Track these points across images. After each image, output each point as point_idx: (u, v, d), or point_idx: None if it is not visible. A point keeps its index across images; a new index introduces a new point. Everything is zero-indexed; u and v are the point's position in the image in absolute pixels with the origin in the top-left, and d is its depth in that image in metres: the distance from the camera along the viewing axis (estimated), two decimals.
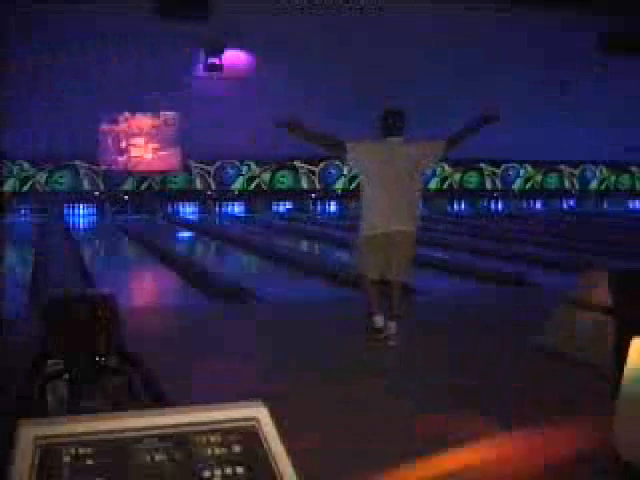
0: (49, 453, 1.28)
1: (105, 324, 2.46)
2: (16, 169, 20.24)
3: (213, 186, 22.01)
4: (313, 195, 22.87)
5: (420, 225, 6.22)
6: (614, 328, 4.71)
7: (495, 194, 24.60)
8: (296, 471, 1.36)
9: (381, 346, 5.77)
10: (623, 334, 3.47)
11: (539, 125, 23.16)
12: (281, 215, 21.55)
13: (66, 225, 18.31)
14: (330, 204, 22.99)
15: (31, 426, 1.30)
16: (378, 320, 5.88)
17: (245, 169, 22.26)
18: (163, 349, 5.34)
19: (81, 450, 1.29)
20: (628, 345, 3.11)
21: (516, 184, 24.85)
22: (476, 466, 3.46)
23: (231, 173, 22.21)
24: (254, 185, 22.34)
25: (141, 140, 21.02)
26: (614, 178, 26.00)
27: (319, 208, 22.86)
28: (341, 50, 21.30)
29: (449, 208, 23.68)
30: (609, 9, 21.63)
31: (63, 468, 1.26)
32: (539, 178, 25.12)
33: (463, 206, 24.22)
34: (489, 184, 24.57)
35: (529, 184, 25.01)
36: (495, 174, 24.61)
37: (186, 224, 19.25)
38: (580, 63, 23.35)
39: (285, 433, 1.43)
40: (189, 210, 21.91)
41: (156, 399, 2.39)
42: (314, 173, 22.76)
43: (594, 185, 25.85)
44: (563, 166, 25.30)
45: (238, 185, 22.24)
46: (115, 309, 2.54)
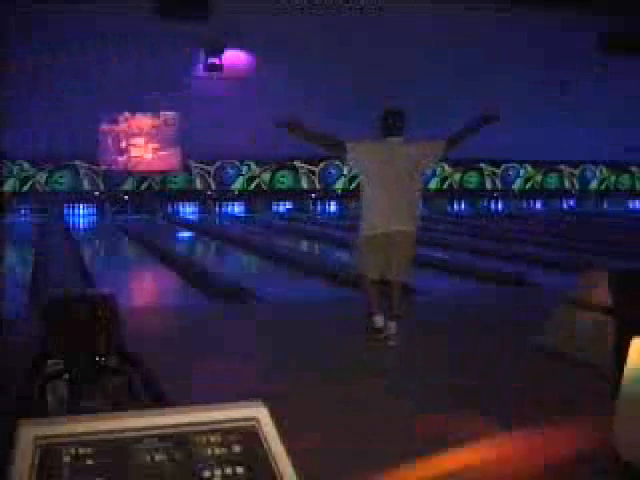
0: (49, 453, 1.28)
1: (105, 324, 2.46)
2: (16, 169, 20.24)
3: (213, 186, 22.00)
4: (313, 195, 22.87)
5: (420, 225, 6.22)
6: (614, 328, 4.71)
7: (495, 194, 24.59)
8: (296, 471, 1.36)
9: (381, 346, 5.77)
10: (623, 334, 3.47)
11: (539, 125, 23.16)
12: (281, 215, 21.54)
13: (66, 225, 18.31)
14: (330, 204, 22.99)
15: (31, 426, 1.30)
16: (378, 320, 5.89)
17: (245, 169, 22.26)
18: (163, 349, 5.34)
19: (81, 450, 1.29)
20: (628, 345, 3.11)
21: (516, 184, 24.84)
22: (476, 466, 3.46)
23: (231, 173, 22.21)
24: (254, 185, 22.34)
25: (141, 140, 21.02)
26: (614, 178, 26.00)
27: (319, 208, 22.85)
28: (341, 50, 21.30)
29: (449, 208, 23.67)
30: (609, 9, 21.63)
31: (63, 468, 1.26)
32: (539, 178, 25.12)
33: (463, 206, 24.22)
34: (489, 184, 24.57)
35: (529, 184, 25.01)
36: (495, 174, 24.61)
37: (186, 224, 19.25)
38: (580, 63, 23.35)
39: (285, 433, 1.43)
40: (189, 210, 21.91)
41: (156, 399, 2.39)
42: (314, 173, 22.75)
43: (594, 185, 25.84)
44: (563, 166, 25.30)
45: (238, 185, 22.24)
46: (115, 309, 2.54)
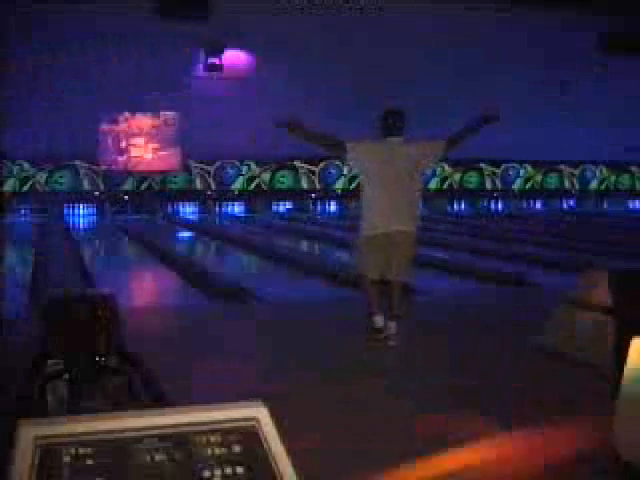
0: (49, 453, 1.28)
1: (105, 324, 2.46)
2: (16, 169, 20.24)
3: (213, 186, 22.00)
4: (313, 195, 22.87)
5: (420, 225, 6.22)
6: (614, 328, 4.71)
7: (495, 194, 24.59)
8: (296, 471, 1.36)
9: (381, 346, 5.77)
10: (623, 334, 3.47)
11: (539, 125, 23.16)
12: (281, 215, 21.54)
13: (66, 225, 18.31)
14: (330, 204, 22.99)
15: (31, 426, 1.30)
16: (378, 320, 5.88)
17: (245, 169, 22.25)
18: (163, 349, 5.34)
19: (81, 450, 1.29)
20: (628, 345, 3.11)
21: (516, 184, 24.84)
22: (476, 466, 3.46)
23: (231, 173, 22.21)
24: (254, 185, 22.34)
25: (141, 140, 21.01)
26: (614, 178, 25.99)
27: (319, 208, 22.85)
28: (341, 50, 21.30)
29: (449, 208, 23.67)
30: (609, 9, 21.63)
31: (63, 468, 1.26)
32: (539, 178, 25.11)
33: (463, 206, 24.22)
34: (489, 184, 24.56)
35: (529, 184, 25.00)
36: (495, 174, 24.61)
37: (186, 224, 19.25)
38: (580, 63, 23.35)
39: (285, 433, 1.43)
40: (189, 210, 21.90)
41: (156, 399, 2.39)
42: (314, 173, 22.75)
43: (594, 185, 25.84)
44: (563, 166, 25.30)
45: (238, 185, 22.24)
46: (115, 309, 2.54)
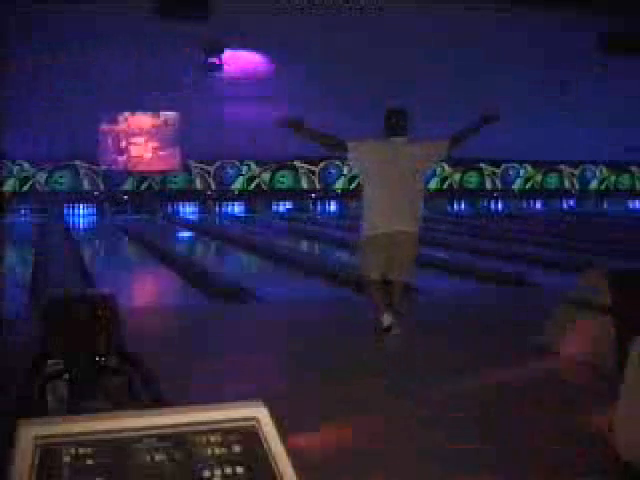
0: (49, 453, 1.27)
1: (105, 324, 2.46)
2: (16, 169, 20.24)
3: (213, 186, 22.00)
4: (313, 195, 22.86)
5: (421, 225, 6.21)
6: (614, 328, 4.71)
7: (495, 194, 24.59)
8: (296, 471, 1.36)
9: (382, 346, 5.77)
10: (623, 334, 3.47)
11: (539, 125, 23.15)
12: (281, 215, 21.54)
13: (66, 225, 18.30)
14: (330, 204, 22.99)
15: (31, 426, 1.30)
16: (386, 319, 5.88)
17: (245, 169, 22.25)
18: (163, 349, 5.33)
19: (81, 450, 1.29)
20: (628, 345, 3.11)
21: (516, 184, 24.84)
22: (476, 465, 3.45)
23: (231, 173, 22.20)
24: (254, 185, 22.34)
25: (141, 139, 21.01)
26: (614, 178, 25.99)
27: (319, 208, 22.85)
28: (341, 50, 21.29)
29: (449, 208, 23.67)
30: (609, 9, 21.62)
31: (63, 468, 1.26)
32: (539, 178, 25.11)
33: (463, 206, 24.22)
34: (489, 184, 24.56)
35: (529, 184, 25.00)
36: (495, 174, 24.61)
37: (186, 224, 19.24)
38: (580, 63, 23.34)
39: (285, 433, 1.43)
40: (189, 210, 21.90)
41: (156, 399, 2.39)
42: (314, 173, 22.75)
43: (594, 185, 25.84)
44: (563, 166, 25.30)
45: (238, 185, 22.24)
46: (115, 309, 2.54)
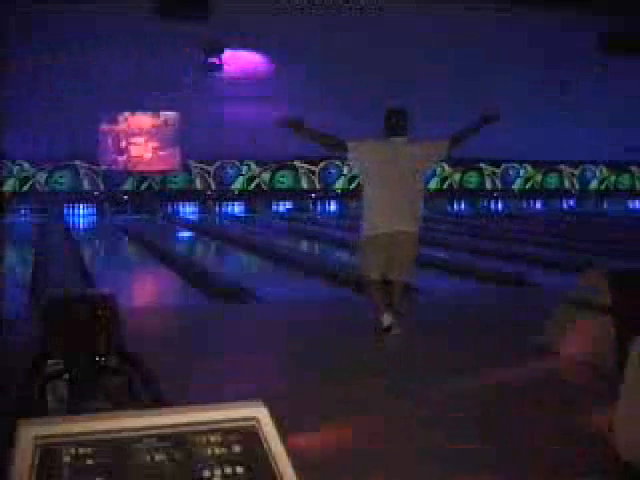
0: (49, 453, 1.27)
1: (105, 324, 2.46)
2: (16, 169, 20.24)
3: (213, 186, 22.00)
4: (313, 195, 22.87)
5: (421, 225, 6.22)
6: (614, 328, 4.71)
7: (495, 194, 24.59)
8: (296, 471, 1.36)
9: (382, 346, 5.77)
10: (623, 334, 3.47)
11: (539, 125, 23.15)
12: (281, 215, 21.54)
13: (66, 225, 18.30)
14: (330, 204, 22.99)
15: (31, 426, 1.30)
16: (386, 319, 5.88)
17: (245, 169, 22.25)
18: (163, 349, 5.33)
19: (81, 450, 1.29)
20: (628, 345, 3.11)
21: (516, 184, 24.84)
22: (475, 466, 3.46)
23: (231, 173, 22.20)
24: (254, 185, 22.34)
25: (141, 139, 21.01)
26: (614, 178, 25.99)
27: (319, 208, 22.85)
28: (341, 50, 21.28)
29: (449, 208, 23.67)
30: (609, 9, 21.61)
31: (63, 468, 1.26)
32: (539, 178, 25.11)
33: (463, 206, 24.21)
34: (489, 184, 24.56)
35: (529, 184, 25.00)
36: (495, 174, 24.61)
37: (186, 224, 19.25)
38: (580, 63, 23.34)
39: (285, 433, 1.43)
40: (189, 210, 21.90)
41: (156, 399, 2.39)
42: (314, 173, 22.75)
43: (594, 185, 25.84)
44: (563, 166, 25.30)
45: (238, 185, 22.24)
46: (115, 309, 2.54)
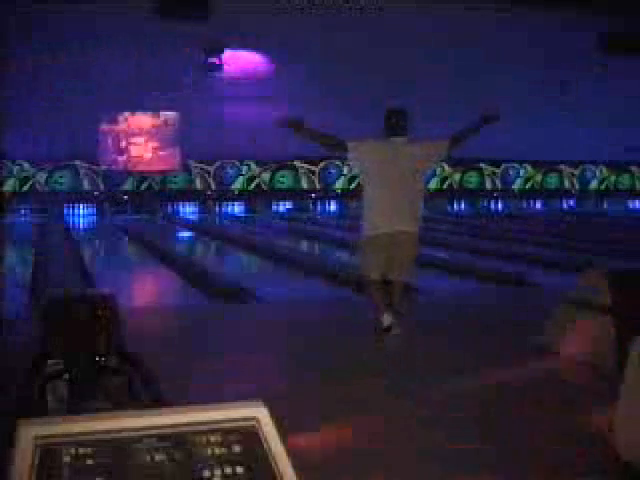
0: (49, 453, 1.27)
1: (105, 324, 2.46)
2: (16, 169, 20.24)
3: (213, 186, 22.00)
4: (313, 195, 22.87)
5: (421, 225, 6.22)
6: (614, 328, 4.71)
7: (495, 194, 24.59)
8: (296, 471, 1.35)
9: (382, 346, 5.77)
10: (623, 334, 3.47)
11: (539, 125, 23.16)
12: (281, 215, 21.54)
13: (66, 225, 18.30)
14: (330, 204, 23.00)
15: (31, 426, 1.30)
16: (386, 319, 5.88)
17: (245, 169, 22.25)
18: (163, 349, 5.33)
19: (81, 450, 1.29)
20: (628, 345, 3.11)
21: (516, 184, 24.84)
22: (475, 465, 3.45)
23: (231, 173, 22.20)
24: (254, 185, 22.34)
25: (141, 139, 21.01)
26: (614, 178, 25.99)
27: (319, 208, 22.85)
28: (341, 50, 21.29)
29: (449, 208, 23.67)
30: (609, 9, 21.61)
31: (63, 468, 1.26)
32: (539, 178, 25.11)
33: (463, 206, 24.21)
34: (489, 184, 24.57)
35: (529, 184, 25.00)
36: (495, 174, 24.61)
37: (186, 224, 19.25)
38: (580, 63, 23.34)
39: (285, 433, 1.43)
40: (189, 210, 21.90)
41: (156, 399, 2.39)
42: (314, 173, 22.75)
43: (594, 185, 25.84)
44: (563, 166, 25.30)
45: (238, 185, 22.24)
46: (115, 309, 2.54)
